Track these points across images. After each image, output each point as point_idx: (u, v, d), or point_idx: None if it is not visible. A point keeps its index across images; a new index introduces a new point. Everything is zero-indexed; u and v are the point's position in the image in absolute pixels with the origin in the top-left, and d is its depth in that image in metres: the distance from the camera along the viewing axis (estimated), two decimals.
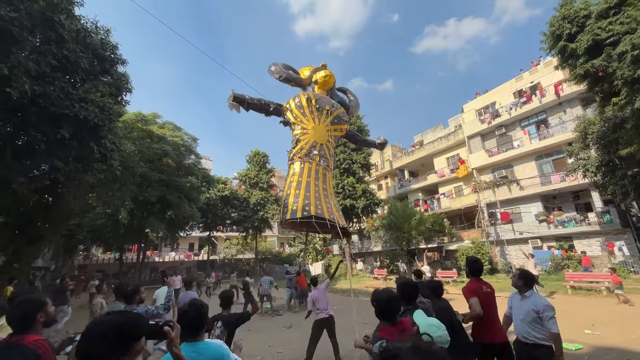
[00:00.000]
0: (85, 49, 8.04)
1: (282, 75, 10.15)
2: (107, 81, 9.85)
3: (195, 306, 2.13)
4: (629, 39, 8.28)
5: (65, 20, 7.09)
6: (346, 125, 9.60)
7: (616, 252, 15.36)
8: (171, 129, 18.51)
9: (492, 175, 22.09)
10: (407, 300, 2.56)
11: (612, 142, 12.16)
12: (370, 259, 31.08)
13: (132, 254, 31.19)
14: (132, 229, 18.73)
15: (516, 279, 3.10)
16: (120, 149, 9.16)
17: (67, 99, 7.49)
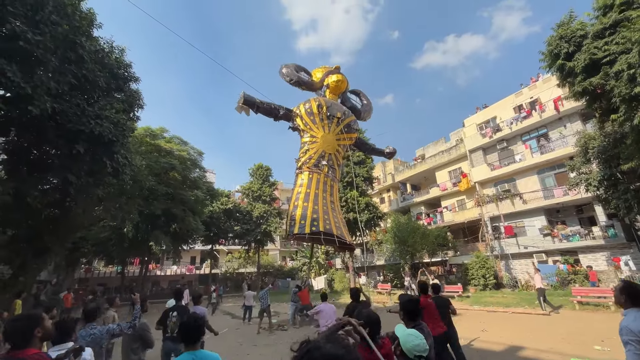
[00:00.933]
0: (103, 68, 8.41)
1: (293, 78, 10.13)
2: (121, 98, 10.22)
3: (193, 318, 2.38)
4: (625, 58, 8.58)
5: (85, 42, 7.46)
6: (356, 133, 9.58)
7: (622, 266, 15.26)
8: (178, 143, 18.87)
9: (494, 188, 22.19)
10: (411, 317, 2.59)
11: (613, 156, 12.32)
12: (373, 273, 30.81)
13: (134, 267, 31.07)
14: (136, 243, 18.78)
15: (618, 294, 2.60)
16: (131, 164, 9.40)
17: (83, 116, 7.78)
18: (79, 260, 26.12)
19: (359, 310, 2.28)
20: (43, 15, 6.86)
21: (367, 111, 11.21)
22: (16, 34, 6.03)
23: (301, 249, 35.07)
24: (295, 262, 37.54)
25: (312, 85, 10.15)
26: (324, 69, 10.97)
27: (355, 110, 10.70)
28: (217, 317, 15.07)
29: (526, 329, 9.35)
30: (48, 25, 6.70)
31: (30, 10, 6.65)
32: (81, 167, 8.35)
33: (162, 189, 16.09)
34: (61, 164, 8.18)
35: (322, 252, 32.41)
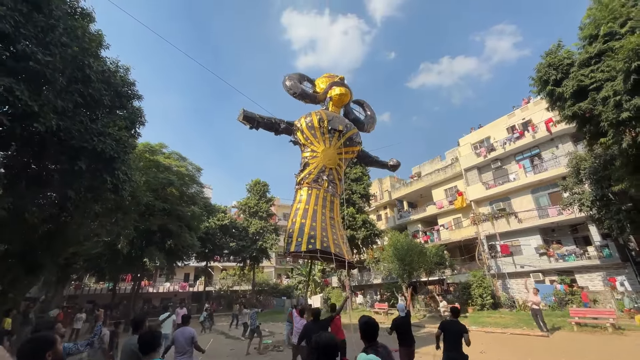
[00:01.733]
0: (108, 87, 8.62)
1: (297, 91, 10.12)
2: (123, 115, 10.40)
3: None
4: (611, 85, 9.00)
5: (93, 62, 7.70)
6: (358, 146, 9.52)
7: (618, 287, 15.29)
8: (177, 159, 18.97)
9: (490, 207, 22.41)
10: (368, 339, 2.74)
11: (604, 177, 12.65)
12: (370, 291, 30.38)
13: (126, 284, 30.33)
14: (130, 259, 18.47)
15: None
16: (131, 180, 9.45)
17: (87, 133, 7.90)
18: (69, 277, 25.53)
19: (318, 335, 2.26)
20: (53, 37, 7.10)
21: (370, 123, 11.18)
22: (27, 54, 6.24)
23: (297, 267, 34.62)
24: (291, 280, 36.95)
25: (315, 98, 10.16)
26: (328, 78, 10.87)
27: (358, 122, 10.68)
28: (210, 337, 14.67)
29: (525, 351, 9.26)
30: (58, 47, 6.93)
31: (41, 32, 6.89)
32: (81, 183, 8.38)
33: (159, 204, 16.04)
34: (61, 179, 8.21)
35: (319, 270, 32.03)
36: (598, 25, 10.03)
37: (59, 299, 24.77)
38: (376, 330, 2.76)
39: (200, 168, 20.78)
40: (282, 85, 10.41)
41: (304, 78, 10.95)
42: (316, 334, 2.28)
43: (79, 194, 8.48)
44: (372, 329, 2.76)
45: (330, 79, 10.70)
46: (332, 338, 2.24)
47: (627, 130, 8.96)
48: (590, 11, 10.93)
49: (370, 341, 2.72)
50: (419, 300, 22.48)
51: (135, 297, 22.82)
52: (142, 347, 2.71)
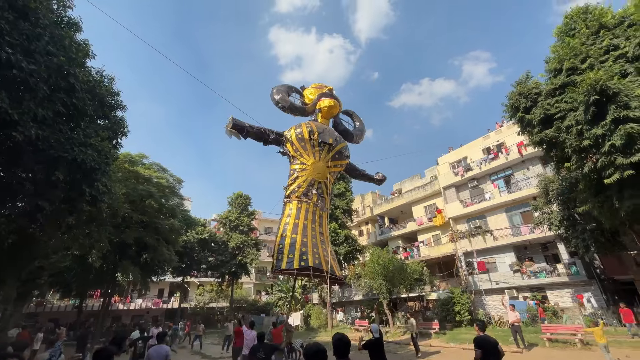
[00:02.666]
0: (93, 97, 8.48)
1: (286, 105, 10.08)
2: (105, 125, 10.19)
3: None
4: (573, 115, 9.85)
5: (79, 72, 7.60)
6: (347, 160, 9.59)
7: (585, 303, 16.07)
8: (157, 170, 18.52)
9: (467, 224, 23.19)
10: (339, 354, 2.86)
11: (570, 199, 13.53)
12: (350, 308, 30.13)
13: (94, 301, 28.55)
14: (101, 273, 17.54)
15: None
16: (111, 192, 9.18)
17: (67, 143, 7.69)
18: (31, 292, 23.77)
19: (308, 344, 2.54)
20: (38, 46, 7.00)
21: (358, 134, 11.31)
22: (10, 62, 6.10)
23: (277, 283, 33.91)
24: (271, 297, 36.05)
25: (304, 110, 10.20)
26: (316, 89, 10.90)
27: (347, 133, 10.77)
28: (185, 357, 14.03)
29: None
30: (43, 56, 6.83)
31: (26, 40, 6.78)
32: (57, 193, 8.06)
33: (137, 216, 15.48)
34: (36, 189, 7.87)
35: (300, 286, 31.52)
36: (562, 60, 11.04)
37: (17, 317, 22.90)
38: (348, 347, 2.86)
39: (181, 180, 20.38)
40: (270, 99, 10.41)
41: (292, 89, 10.99)
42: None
43: (53, 205, 8.12)
44: (343, 346, 2.86)
45: (319, 89, 10.75)
46: (320, 345, 2.46)
47: (588, 156, 9.75)
48: (554, 47, 12.05)
49: (342, 358, 2.81)
50: (399, 317, 22.55)
51: (104, 315, 21.45)
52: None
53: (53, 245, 12.14)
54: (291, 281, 28.80)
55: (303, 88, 11.21)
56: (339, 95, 11.32)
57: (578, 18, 11.75)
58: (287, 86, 10.50)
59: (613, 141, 8.55)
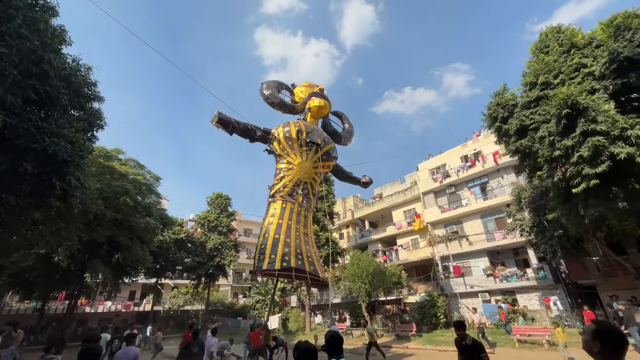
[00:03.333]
0: (68, 86, 8.03)
1: (275, 101, 9.84)
2: (80, 116, 9.67)
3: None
4: (546, 127, 10.45)
5: (54, 59, 7.18)
6: (334, 161, 9.53)
7: (552, 306, 16.93)
8: (133, 167, 17.74)
9: (444, 229, 23.88)
10: (332, 352, 2.83)
11: (541, 206, 14.28)
12: (329, 311, 30.11)
13: (57, 303, 26.84)
14: (68, 273, 16.55)
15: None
16: (84, 187, 8.69)
17: (37, 133, 7.22)
18: None
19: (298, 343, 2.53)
20: (10, 27, 6.56)
21: (347, 137, 11.24)
22: None
23: (256, 285, 33.36)
24: (248, 300, 35.39)
25: (293, 108, 10.05)
26: (307, 87, 10.75)
27: (335, 135, 10.70)
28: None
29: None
30: (15, 39, 6.40)
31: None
32: (24, 186, 7.54)
33: (110, 214, 14.75)
34: (0, 181, 7.32)
35: (278, 289, 31.17)
36: (536, 75, 11.69)
37: None
38: (340, 343, 2.85)
39: (159, 177, 19.65)
40: (260, 93, 10.18)
41: (283, 86, 10.82)
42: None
43: (19, 198, 7.58)
44: (336, 342, 2.85)
45: (310, 88, 10.64)
46: (309, 343, 2.46)
47: (559, 166, 10.35)
48: (530, 63, 12.73)
49: (335, 354, 2.79)
50: (377, 320, 22.79)
51: (69, 318, 20.22)
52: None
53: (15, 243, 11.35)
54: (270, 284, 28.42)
55: (294, 86, 11.12)
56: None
57: (552, 36, 12.50)
58: (278, 82, 10.35)
59: (581, 152, 9.12)
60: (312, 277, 6.38)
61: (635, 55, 9.32)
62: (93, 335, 3.70)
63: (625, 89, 10.01)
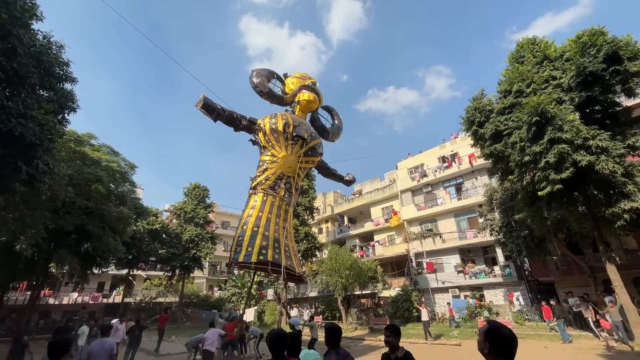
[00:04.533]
0: (38, 65, 7.55)
1: (264, 90, 9.45)
2: (50, 97, 9.12)
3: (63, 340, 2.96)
4: (518, 133, 11.05)
5: (24, 34, 6.72)
6: (319, 157, 9.38)
7: (515, 301, 18.06)
8: (107, 153, 16.91)
9: (420, 227, 24.69)
10: (331, 341, 2.95)
11: (510, 208, 15.13)
12: (305, 304, 30.43)
13: (18, 294, 25.34)
14: (31, 263, 15.65)
15: (481, 339, 1.68)
16: (53, 172, 8.24)
17: (2, 113, 6.76)
18: None
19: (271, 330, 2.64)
20: None
21: (335, 133, 11.05)
22: None
23: (232, 278, 33.05)
24: (224, 292, 35.01)
25: (282, 100, 9.74)
26: (299, 79, 10.34)
27: (323, 130, 10.48)
28: None
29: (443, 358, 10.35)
30: None
31: None
32: None
33: (81, 201, 14.04)
34: None
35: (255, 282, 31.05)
36: (511, 83, 12.28)
37: None
38: (339, 334, 2.94)
39: (134, 165, 18.85)
40: (249, 81, 9.83)
41: (274, 75, 10.44)
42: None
43: None
44: (335, 333, 2.93)
45: (302, 80, 10.34)
46: (282, 330, 2.51)
47: (528, 171, 11.00)
48: (506, 71, 13.34)
49: (333, 345, 2.87)
50: (352, 314, 23.32)
51: (30, 310, 19.15)
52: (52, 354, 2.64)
53: None
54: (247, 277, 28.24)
55: (286, 76, 10.82)
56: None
57: (527, 47, 13.15)
58: (269, 71, 10.02)
59: (548, 158, 9.75)
60: (288, 271, 6.39)
61: (599, 70, 10.02)
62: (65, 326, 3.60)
63: (589, 101, 10.75)
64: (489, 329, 1.68)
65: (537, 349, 11.09)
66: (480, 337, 1.71)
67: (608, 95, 10.31)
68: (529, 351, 10.64)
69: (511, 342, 1.60)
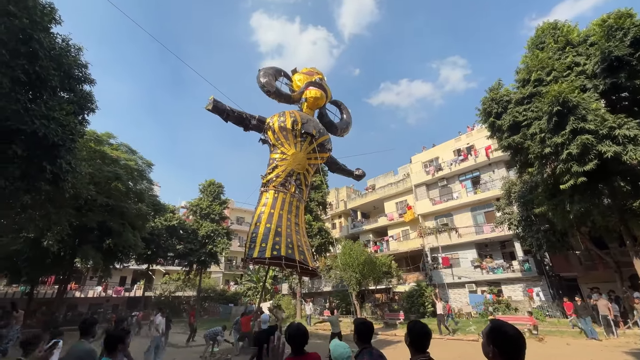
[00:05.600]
0: (58, 67, 7.81)
1: (271, 90, 9.56)
2: (71, 98, 9.44)
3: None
4: (537, 124, 10.61)
5: (44, 38, 6.96)
6: (328, 153, 9.38)
7: (534, 297, 17.58)
8: (125, 152, 17.45)
9: (435, 222, 24.31)
10: (363, 339, 2.62)
11: (529, 201, 14.64)
12: (320, 299, 30.65)
13: (47, 287, 26.67)
14: (58, 258, 16.40)
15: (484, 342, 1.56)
16: (75, 171, 8.56)
17: (26, 115, 7.05)
18: None
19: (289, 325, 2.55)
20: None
21: (344, 128, 11.03)
22: None
23: (247, 273, 33.65)
24: (240, 287, 35.72)
25: (289, 98, 9.79)
26: (306, 75, 10.30)
27: (332, 126, 10.48)
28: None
29: (458, 352, 10.21)
30: (2, 16, 6.17)
31: None
32: (13, 170, 7.39)
33: (102, 199, 14.58)
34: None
35: (270, 276, 31.51)
36: (530, 72, 11.79)
37: None
38: (371, 331, 2.67)
39: (151, 163, 19.38)
40: (256, 81, 9.94)
41: (281, 73, 10.46)
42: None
43: (8, 182, 7.45)
44: (366, 329, 2.64)
45: (309, 77, 10.32)
46: (300, 325, 2.46)
47: (548, 163, 10.58)
48: (525, 58, 12.81)
49: (365, 343, 2.61)
50: (366, 309, 23.33)
51: (58, 303, 20.16)
52: (109, 343, 2.68)
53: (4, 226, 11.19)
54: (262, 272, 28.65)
55: (294, 72, 10.77)
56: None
57: (548, 32, 12.56)
58: (276, 69, 10.03)
59: (570, 150, 9.33)
60: (302, 266, 6.46)
61: (625, 55, 9.47)
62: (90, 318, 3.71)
63: (615, 88, 10.19)
64: (492, 329, 1.53)
65: (560, 346, 10.77)
66: (483, 339, 1.57)
67: (635, 81, 9.72)
68: (550, 349, 10.37)
69: (518, 342, 1.45)
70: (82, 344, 3.52)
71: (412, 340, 2.25)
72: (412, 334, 2.27)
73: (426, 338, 2.24)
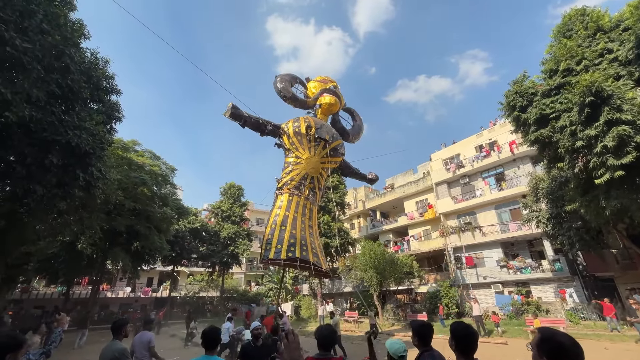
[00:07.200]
0: (88, 80, 8.23)
1: (287, 95, 9.99)
2: (99, 109, 9.93)
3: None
4: (567, 116, 10.08)
5: (75, 53, 7.35)
6: (341, 157, 9.63)
7: (567, 298, 16.70)
8: (150, 158, 18.18)
9: (457, 220, 23.64)
10: (423, 342, 2.55)
11: (559, 197, 13.95)
12: (340, 300, 30.56)
13: (81, 288, 28.18)
14: (91, 260, 17.29)
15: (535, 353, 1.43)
16: (105, 178, 9.00)
17: (60, 126, 7.48)
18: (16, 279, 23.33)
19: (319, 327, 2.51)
20: (32, 23, 6.73)
21: (356, 134, 11.26)
22: (4, 39, 5.86)
23: (268, 274, 34.06)
24: (261, 287, 36.24)
25: (304, 103, 10.12)
26: (321, 83, 10.68)
27: (344, 132, 10.75)
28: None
29: (487, 356, 9.86)
30: (37, 34, 6.57)
31: (19, 17, 6.51)
32: (50, 178, 7.86)
33: (129, 204, 15.26)
34: (28, 173, 7.65)
35: (290, 277, 31.76)
36: (557, 62, 11.22)
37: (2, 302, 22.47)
38: (431, 334, 2.62)
39: (174, 168, 20.08)
40: (273, 87, 10.29)
41: (296, 80, 10.84)
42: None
43: (46, 189, 7.92)
44: (426, 332, 2.60)
45: (323, 84, 10.61)
46: (330, 327, 2.49)
47: (580, 157, 10.03)
48: (551, 47, 12.22)
49: (426, 346, 2.56)
50: (388, 309, 23.01)
51: (92, 302, 21.24)
52: (207, 341, 2.81)
53: (42, 231, 11.92)
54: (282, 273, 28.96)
55: (308, 80, 11.11)
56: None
57: (576, 19, 11.92)
58: (292, 76, 10.36)
59: (605, 142, 8.80)
60: (316, 267, 6.53)
61: None
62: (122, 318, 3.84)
63: None
64: (542, 339, 1.36)
65: (597, 349, 10.17)
66: (534, 351, 1.41)
67: None
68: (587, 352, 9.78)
69: (576, 351, 1.31)
70: (115, 344, 3.71)
71: (456, 343, 2.08)
72: (457, 336, 2.09)
73: (472, 339, 2.09)
